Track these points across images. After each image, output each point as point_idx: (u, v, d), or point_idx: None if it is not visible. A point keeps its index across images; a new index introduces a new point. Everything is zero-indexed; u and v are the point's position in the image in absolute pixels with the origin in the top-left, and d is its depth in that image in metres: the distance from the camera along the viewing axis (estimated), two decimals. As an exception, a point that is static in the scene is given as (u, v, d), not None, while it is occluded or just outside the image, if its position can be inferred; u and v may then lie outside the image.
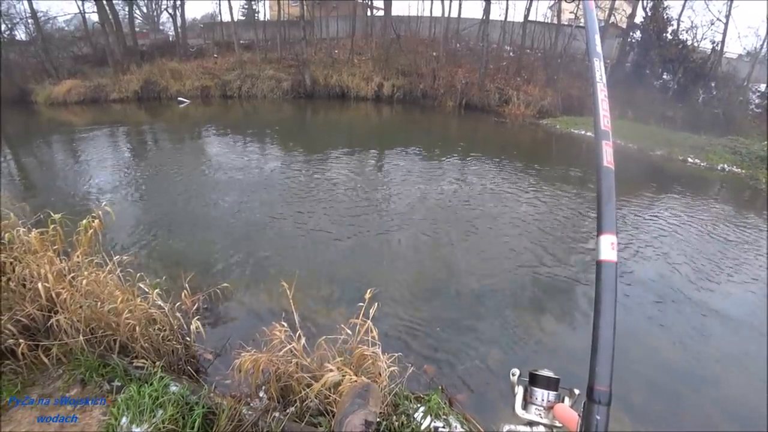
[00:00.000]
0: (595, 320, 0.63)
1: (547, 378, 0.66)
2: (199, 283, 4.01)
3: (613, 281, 0.64)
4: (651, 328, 4.34)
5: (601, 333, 0.61)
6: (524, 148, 13.66)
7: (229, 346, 3.55)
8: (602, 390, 0.58)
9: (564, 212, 7.38)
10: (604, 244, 0.65)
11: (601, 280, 0.64)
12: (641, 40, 20.65)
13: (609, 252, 0.65)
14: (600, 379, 0.59)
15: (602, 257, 0.65)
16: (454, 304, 4.58)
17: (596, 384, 0.59)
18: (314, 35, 23.17)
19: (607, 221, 0.67)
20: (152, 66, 20.62)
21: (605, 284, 0.63)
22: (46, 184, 8.41)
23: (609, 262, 0.64)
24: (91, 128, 13.95)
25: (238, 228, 6.22)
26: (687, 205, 8.42)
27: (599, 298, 0.63)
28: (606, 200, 0.69)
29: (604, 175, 0.71)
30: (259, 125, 15.26)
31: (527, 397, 0.67)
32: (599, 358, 0.60)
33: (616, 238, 0.66)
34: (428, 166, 10.04)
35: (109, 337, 2.82)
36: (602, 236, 0.66)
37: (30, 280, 3.01)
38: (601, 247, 0.65)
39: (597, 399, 0.58)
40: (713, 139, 14.24)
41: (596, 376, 0.59)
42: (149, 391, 2.48)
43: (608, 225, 0.67)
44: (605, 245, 0.65)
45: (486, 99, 19.01)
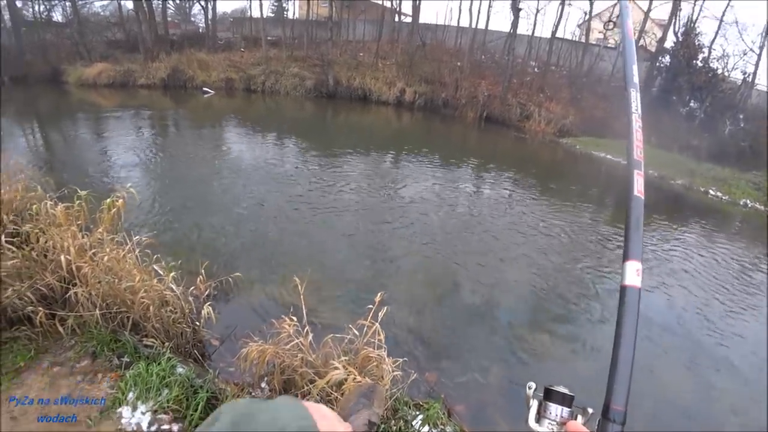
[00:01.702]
0: (616, 341, 0.65)
1: (562, 394, 0.67)
2: (212, 270, 4.09)
3: (636, 306, 0.66)
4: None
5: (621, 354, 0.63)
6: (543, 166, 13.56)
7: (235, 335, 3.60)
8: (618, 410, 0.60)
9: (579, 236, 7.32)
10: (630, 270, 0.68)
11: (625, 304, 0.67)
12: (670, 65, 20.33)
13: (634, 278, 0.68)
14: (616, 399, 0.61)
15: (627, 282, 0.68)
16: (461, 315, 4.57)
17: (612, 403, 0.61)
18: (341, 36, 23.41)
19: (634, 248, 0.71)
20: (181, 55, 21.05)
21: (628, 308, 0.66)
22: (70, 161, 8.65)
23: (633, 287, 0.67)
24: (118, 111, 14.30)
25: (254, 219, 6.31)
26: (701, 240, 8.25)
27: (621, 320, 0.66)
28: (634, 228, 0.72)
29: (634, 204, 0.75)
30: (281, 121, 15.45)
31: (541, 411, 0.69)
32: (617, 378, 0.62)
33: (641, 265, 0.69)
34: (444, 176, 10.04)
35: (123, 314, 2.89)
36: (628, 262, 0.69)
37: (52, 251, 3.10)
38: (627, 273, 0.68)
39: (612, 418, 0.60)
40: (737, 173, 13.93)
41: (613, 395, 0.61)
42: (157, 370, 2.54)
43: (635, 252, 0.70)
44: (630, 271, 0.68)
45: (507, 113, 18.92)
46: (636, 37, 16.95)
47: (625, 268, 0.69)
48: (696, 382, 4.04)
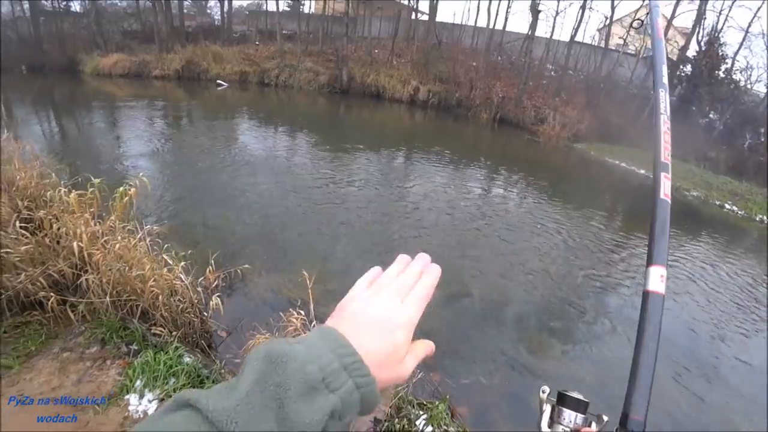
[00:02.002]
0: (637, 349, 0.62)
1: (576, 400, 0.65)
2: (221, 261, 4.11)
3: (659, 312, 0.64)
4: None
5: (642, 362, 0.61)
6: (555, 170, 13.37)
7: (242, 326, 3.61)
8: (637, 419, 0.58)
9: (588, 243, 7.23)
10: (654, 276, 0.66)
11: (647, 311, 0.64)
12: (691, 74, 19.92)
13: (657, 284, 0.65)
14: (636, 408, 0.58)
15: (650, 288, 0.65)
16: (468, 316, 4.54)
17: (632, 413, 0.58)
18: (356, 33, 23.35)
19: (659, 253, 0.68)
20: (195, 47, 21.19)
21: (651, 315, 0.64)
22: (84, 149, 8.76)
23: (656, 293, 0.65)
24: (132, 101, 14.46)
25: (263, 211, 6.33)
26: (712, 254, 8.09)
27: (643, 327, 0.63)
28: (659, 232, 0.70)
29: (660, 208, 0.72)
30: (293, 115, 15.50)
31: (554, 416, 0.66)
32: (637, 386, 0.60)
33: (666, 270, 0.66)
34: (455, 175, 9.98)
35: (132, 302, 2.91)
36: (652, 267, 0.67)
37: (65, 238, 3.13)
38: (650, 278, 0.66)
39: (631, 428, 0.57)
40: (755, 188, 13.63)
41: (632, 404, 0.59)
42: (164, 359, 2.56)
43: (659, 257, 0.68)
44: (654, 277, 0.66)
45: (521, 115, 18.71)
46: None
47: (649, 273, 0.66)
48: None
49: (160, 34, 21.40)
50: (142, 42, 22.40)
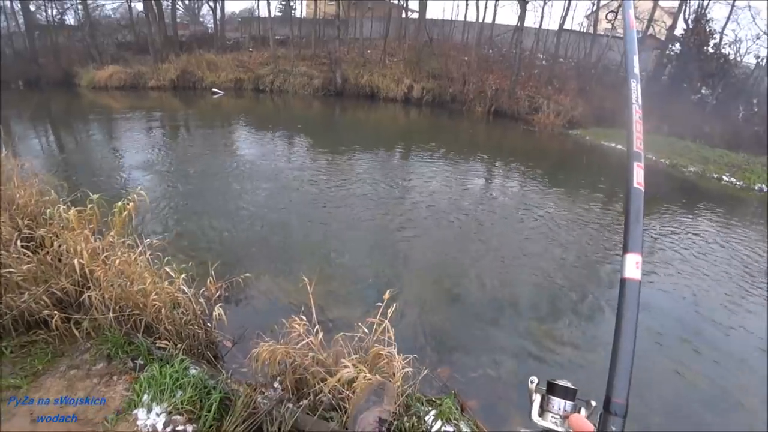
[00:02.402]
0: (616, 334, 0.65)
1: (564, 388, 0.68)
2: (223, 272, 4.12)
3: (636, 298, 0.67)
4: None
5: (621, 347, 0.64)
6: (552, 158, 13.40)
7: (246, 335, 3.62)
8: (619, 402, 0.60)
9: (591, 230, 7.21)
10: (629, 263, 0.69)
11: (624, 297, 0.67)
12: (680, 53, 20.01)
13: (633, 270, 0.68)
14: (617, 392, 0.61)
15: (626, 275, 0.68)
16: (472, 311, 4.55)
17: (613, 396, 0.61)
18: (348, 35, 23.36)
19: (634, 241, 0.71)
20: (190, 56, 21.29)
21: (628, 301, 0.67)
22: (82, 164, 8.79)
23: (633, 280, 0.68)
24: (129, 113, 14.51)
25: (263, 218, 6.34)
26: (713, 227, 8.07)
27: (621, 313, 0.66)
28: (634, 220, 0.72)
29: (633, 196, 0.74)
30: (289, 120, 15.50)
31: (544, 405, 0.69)
32: (618, 371, 0.63)
33: (641, 257, 0.69)
34: (453, 170, 9.97)
35: (135, 317, 2.92)
36: (628, 255, 0.69)
37: (66, 255, 3.15)
38: (626, 266, 0.69)
39: (613, 411, 0.60)
40: (752, 158, 13.76)
41: (614, 388, 0.61)
42: (170, 372, 2.57)
43: (634, 244, 0.70)
44: (630, 264, 0.69)
45: (516, 106, 18.74)
46: (644, 27, 16.72)
47: (625, 260, 0.69)
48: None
49: (155, 45, 21.47)
50: (137, 53, 22.50)
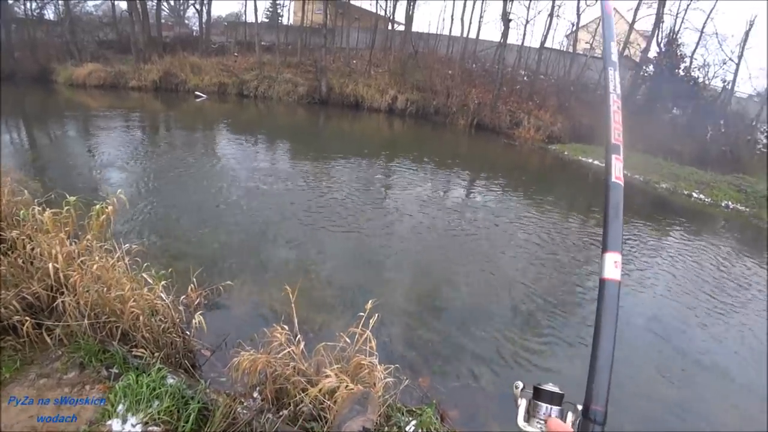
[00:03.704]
0: (595, 338, 0.62)
1: (551, 393, 0.66)
2: (203, 279, 4.05)
3: (615, 300, 0.63)
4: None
5: (600, 352, 0.61)
6: (532, 172, 13.73)
7: (226, 344, 3.56)
8: (598, 410, 0.58)
9: (569, 241, 7.40)
10: (608, 263, 0.65)
11: (603, 298, 0.63)
12: (654, 74, 21.06)
13: (612, 270, 0.64)
14: (596, 399, 0.59)
15: (606, 275, 0.64)
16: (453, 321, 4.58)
17: (592, 403, 0.59)
18: (334, 44, 23.49)
19: (613, 239, 0.67)
20: (173, 58, 20.96)
21: (607, 303, 0.63)
22: (57, 164, 8.50)
23: (612, 280, 0.64)
24: (108, 113, 14.13)
25: (245, 226, 6.26)
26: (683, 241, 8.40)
27: (600, 315, 0.63)
28: (613, 217, 0.68)
29: (612, 191, 0.70)
30: (273, 127, 15.43)
31: (530, 410, 0.67)
32: (597, 376, 0.60)
33: (620, 256, 0.66)
34: (435, 182, 10.10)
35: (112, 324, 2.84)
36: (607, 254, 0.65)
37: (39, 258, 3.04)
38: (605, 266, 0.65)
39: (592, 418, 0.58)
40: (719, 176, 14.39)
41: (592, 394, 0.59)
42: (147, 381, 2.50)
43: (613, 243, 0.66)
44: (609, 263, 0.65)
45: (497, 120, 19.18)
46: (621, 48, 17.38)
47: (604, 260, 0.65)
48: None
49: (137, 45, 21.06)
50: (119, 52, 21.99)
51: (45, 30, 22.27)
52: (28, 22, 21.58)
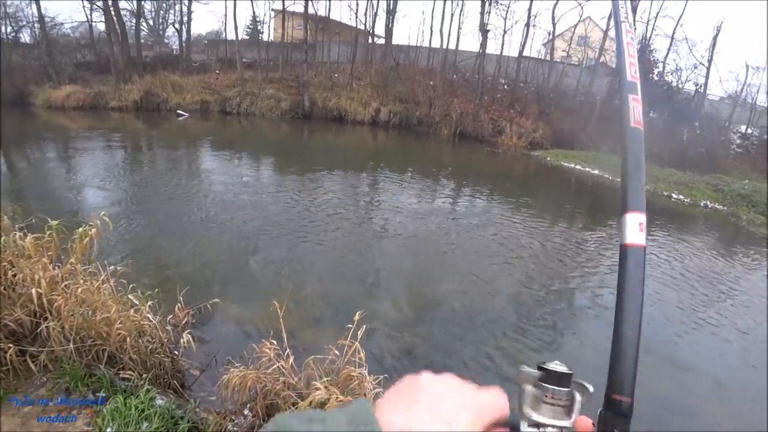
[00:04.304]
0: (617, 318, 0.51)
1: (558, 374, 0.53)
2: (190, 298, 4.03)
3: (641, 269, 0.52)
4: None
5: (624, 333, 0.51)
6: (516, 178, 13.98)
7: (216, 361, 3.54)
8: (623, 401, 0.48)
9: (554, 246, 7.54)
10: (631, 225, 0.53)
11: (626, 269, 0.52)
12: (629, 79, 21.67)
13: (636, 234, 0.53)
14: (620, 388, 0.49)
15: (628, 240, 0.53)
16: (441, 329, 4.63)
17: (616, 393, 0.49)
18: (316, 58, 23.73)
19: (634, 197, 0.56)
20: (154, 78, 20.86)
21: (631, 273, 0.52)
22: (37, 187, 8.36)
23: (636, 246, 0.53)
24: (88, 134, 13.96)
25: (232, 243, 6.24)
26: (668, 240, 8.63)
27: (623, 288, 0.52)
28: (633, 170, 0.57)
29: (631, 139, 0.59)
30: (257, 143, 15.43)
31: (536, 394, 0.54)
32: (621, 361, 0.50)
33: (645, 217, 0.54)
34: (421, 191, 10.22)
35: (98, 347, 2.82)
36: (627, 215, 0.54)
37: (21, 284, 3.01)
38: (627, 229, 0.53)
39: (616, 410, 0.48)
40: (697, 177, 14.81)
41: (615, 383, 0.49)
42: (135, 403, 2.48)
43: (635, 202, 0.55)
44: (632, 226, 0.53)
45: (480, 129, 19.52)
46: (597, 55, 17.82)
47: (625, 222, 0.53)
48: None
49: (117, 65, 20.91)
50: (97, 73, 21.76)
51: (21, 53, 21.96)
52: (3, 45, 21.28)
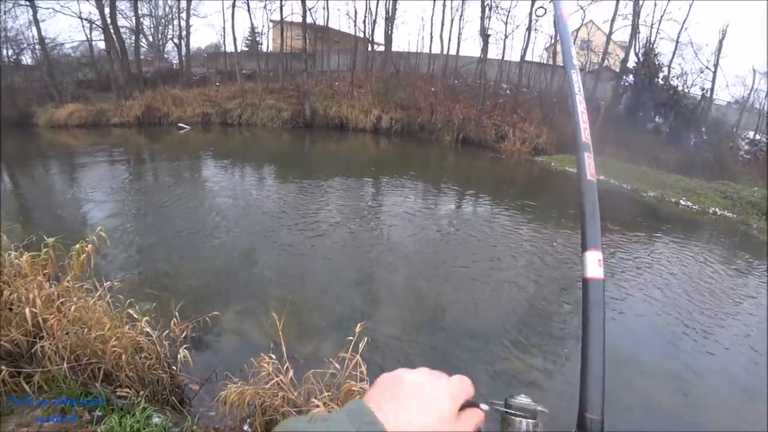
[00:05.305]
0: (584, 342, 0.58)
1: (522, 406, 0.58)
2: (189, 311, 3.97)
3: (601, 299, 0.60)
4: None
5: (591, 355, 0.57)
6: (520, 184, 13.87)
7: (216, 376, 3.48)
8: (594, 419, 0.54)
9: (561, 253, 7.44)
10: (590, 261, 0.62)
11: (588, 299, 0.60)
12: (634, 83, 21.42)
13: (595, 269, 0.62)
14: (591, 407, 0.54)
15: (588, 274, 0.61)
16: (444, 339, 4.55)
17: (588, 411, 0.54)
18: (315, 67, 23.86)
19: (592, 237, 0.65)
20: (155, 92, 21.05)
21: (592, 302, 0.60)
22: (38, 206, 8.41)
23: (596, 279, 0.61)
24: (90, 151, 14.04)
25: (231, 255, 6.21)
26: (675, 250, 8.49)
27: (587, 317, 0.59)
28: (590, 215, 0.66)
29: (586, 189, 0.69)
30: (258, 153, 15.49)
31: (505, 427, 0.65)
32: (589, 382, 0.56)
33: (601, 254, 0.63)
34: (424, 199, 10.17)
35: (93, 365, 2.77)
36: (587, 252, 0.63)
37: (17, 304, 2.97)
38: (587, 264, 0.62)
39: (588, 428, 0.53)
40: (705, 183, 14.47)
41: (587, 402, 0.54)
42: (131, 423, 2.43)
43: (593, 241, 0.64)
44: (591, 262, 0.62)
45: (483, 134, 19.44)
46: (600, 59, 17.64)
47: (585, 259, 0.62)
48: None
49: (117, 82, 21.14)
50: (99, 91, 21.98)
51: (23, 75, 22.15)
52: (5, 68, 21.50)
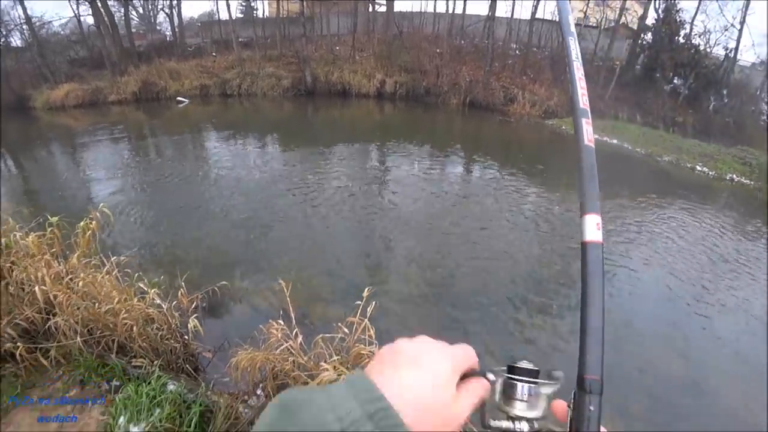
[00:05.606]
0: (583, 305, 0.60)
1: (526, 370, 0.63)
2: (198, 282, 4.04)
3: (600, 263, 0.61)
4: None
5: (590, 318, 0.59)
6: (529, 149, 13.37)
7: (228, 343, 3.56)
8: (593, 379, 0.56)
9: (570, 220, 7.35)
10: (589, 224, 0.63)
11: (587, 263, 0.61)
12: (652, 42, 20.06)
13: (594, 232, 0.63)
14: (590, 368, 0.57)
15: (587, 238, 0.63)
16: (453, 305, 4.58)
17: (587, 372, 0.57)
18: (314, 32, 23.05)
19: (591, 200, 0.65)
20: (150, 67, 20.56)
21: (591, 266, 0.61)
22: (44, 188, 8.46)
23: (595, 242, 0.62)
24: (90, 131, 13.94)
25: (237, 224, 6.24)
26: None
27: (586, 281, 0.60)
28: (588, 179, 0.67)
29: (585, 154, 0.70)
30: (260, 123, 15.28)
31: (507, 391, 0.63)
32: (588, 344, 0.58)
33: (600, 217, 0.64)
34: (431, 165, 10.01)
35: (107, 338, 2.84)
36: (586, 216, 0.64)
37: (28, 283, 3.03)
38: (586, 228, 0.63)
39: (588, 389, 0.55)
40: (723, 148, 13.89)
41: (586, 364, 0.57)
42: (147, 390, 2.50)
43: (591, 205, 0.65)
44: (590, 225, 0.63)
45: (491, 97, 18.72)
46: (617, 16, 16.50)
47: (584, 222, 0.63)
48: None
49: (111, 58, 20.64)
50: (93, 68, 21.46)
51: (14, 57, 21.54)
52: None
